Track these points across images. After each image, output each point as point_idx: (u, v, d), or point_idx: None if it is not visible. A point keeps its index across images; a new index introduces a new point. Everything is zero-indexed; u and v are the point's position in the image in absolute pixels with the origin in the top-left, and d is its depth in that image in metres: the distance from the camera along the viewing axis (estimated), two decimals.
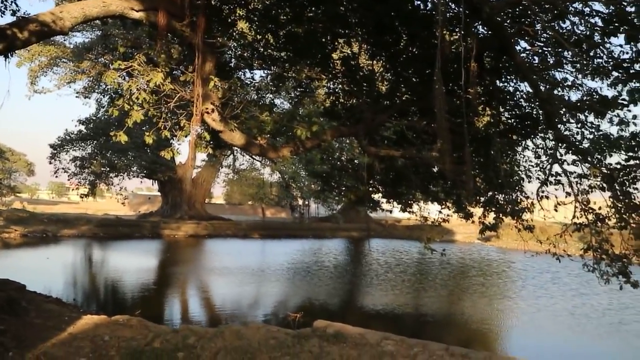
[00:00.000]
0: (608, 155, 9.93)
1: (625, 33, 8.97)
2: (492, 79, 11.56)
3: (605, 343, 16.45)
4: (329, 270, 29.69)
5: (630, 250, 9.92)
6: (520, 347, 15.71)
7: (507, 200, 12.09)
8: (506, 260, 35.36)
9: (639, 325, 18.16)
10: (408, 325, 17.37)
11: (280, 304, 20.19)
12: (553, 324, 18.34)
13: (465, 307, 21.05)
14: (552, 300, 22.06)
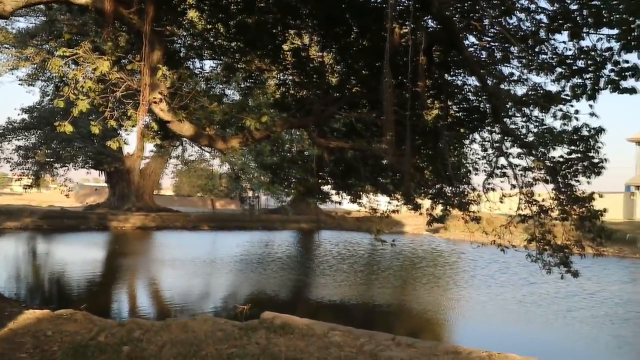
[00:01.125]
0: (551, 149, 10.19)
1: (569, 30, 9.20)
2: (441, 72, 11.69)
3: (554, 330, 16.92)
4: (279, 262, 29.71)
5: (572, 241, 10.21)
6: (470, 336, 16.03)
7: (455, 193, 12.30)
8: (455, 251, 35.96)
9: (585, 312, 18.78)
10: (358, 316, 17.53)
11: (230, 296, 20.13)
12: (503, 313, 18.78)
13: (416, 297, 21.35)
14: (502, 289, 22.57)
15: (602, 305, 20.03)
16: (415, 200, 12.91)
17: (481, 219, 12.26)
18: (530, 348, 13.44)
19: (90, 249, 31.88)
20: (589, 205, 9.87)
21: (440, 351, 9.31)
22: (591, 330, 16.72)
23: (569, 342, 15.68)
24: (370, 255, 32.82)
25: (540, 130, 10.43)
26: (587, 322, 17.55)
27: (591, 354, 14.40)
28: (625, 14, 8.55)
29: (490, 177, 11.20)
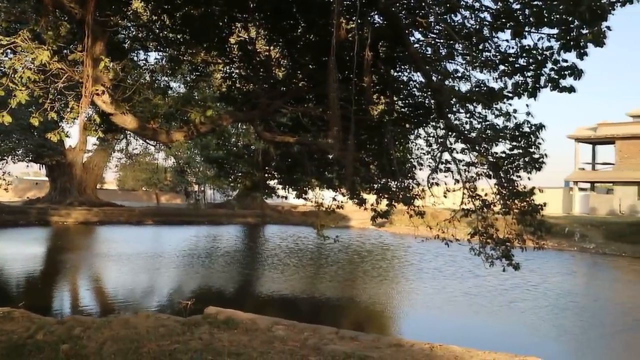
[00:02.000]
0: (494, 145, 10.38)
1: (512, 29, 9.40)
2: (387, 68, 11.78)
3: (498, 320, 17.36)
4: (225, 257, 29.56)
5: (513, 235, 10.44)
6: (416, 328, 16.29)
7: (400, 187, 12.41)
8: (401, 245, 36.41)
9: (528, 303, 19.35)
10: (304, 310, 17.59)
11: (175, 292, 19.93)
12: (449, 304, 19.13)
13: (363, 290, 21.55)
14: (449, 282, 23.01)
15: (544, 297, 20.65)
16: (361, 195, 12.98)
17: (425, 214, 12.42)
18: (475, 339, 13.75)
19: (30, 244, 31.07)
20: (529, 200, 10.09)
21: (383, 344, 9.41)
22: (533, 320, 17.22)
23: (512, 332, 16.10)
24: (317, 250, 32.91)
25: (483, 127, 10.61)
26: (529, 312, 18.05)
27: (532, 343, 14.78)
28: (565, 14, 8.78)
29: (435, 172, 11.35)
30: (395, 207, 12.66)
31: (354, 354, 8.29)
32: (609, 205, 51.84)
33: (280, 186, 16.26)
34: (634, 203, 50.39)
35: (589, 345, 15.27)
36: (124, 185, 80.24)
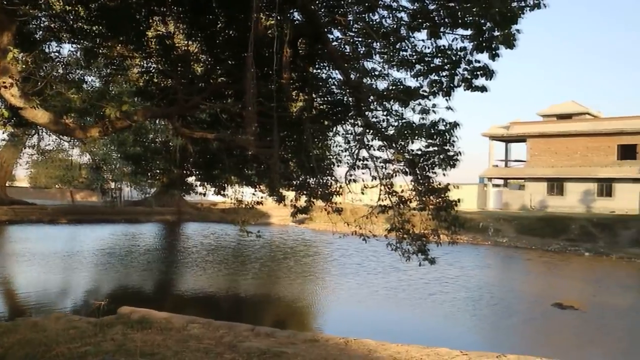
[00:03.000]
0: (410, 142, 10.59)
1: (428, 29, 9.61)
2: (306, 65, 11.81)
3: (417, 313, 17.74)
4: (143, 255, 28.97)
5: (429, 230, 10.68)
6: (337, 323, 16.42)
7: (318, 184, 12.48)
8: (322, 241, 36.62)
9: (446, 296, 19.92)
10: (223, 308, 17.46)
11: (90, 292, 19.36)
12: (371, 299, 19.41)
13: (284, 287, 21.58)
14: (371, 277, 23.33)
15: (461, 289, 21.31)
16: (280, 191, 12.99)
17: (343, 210, 12.54)
18: (392, 332, 14.00)
19: None
20: (444, 196, 10.36)
21: (299, 340, 9.47)
22: (451, 312, 17.71)
23: (429, 324, 16.50)
24: (238, 247, 32.73)
25: (400, 124, 10.80)
26: (447, 304, 18.55)
27: (448, 334, 15.20)
28: (478, 16, 9.06)
29: (353, 168, 11.47)
30: (315, 203, 12.74)
31: (269, 350, 8.30)
32: (520, 200, 53.84)
33: (199, 183, 16.04)
34: (543, 198, 52.52)
35: (502, 334, 15.83)
36: (36, 182, 77.17)
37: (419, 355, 9.14)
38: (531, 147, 55.46)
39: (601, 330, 16.29)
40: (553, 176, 52.54)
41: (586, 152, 52.02)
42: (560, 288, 23.17)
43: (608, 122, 52.67)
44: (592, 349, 13.88)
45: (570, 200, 50.87)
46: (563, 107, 58.01)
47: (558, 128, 54.04)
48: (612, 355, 12.78)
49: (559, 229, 38.88)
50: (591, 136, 51.86)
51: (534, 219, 41.87)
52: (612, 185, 49.55)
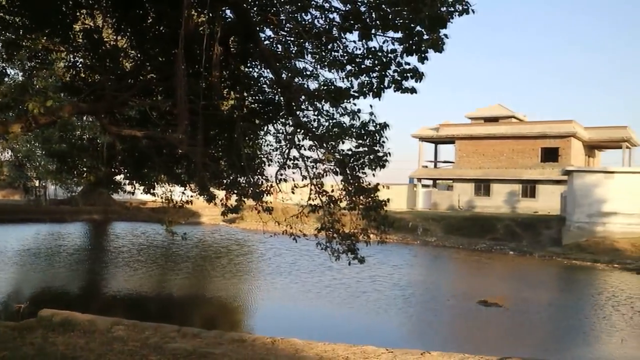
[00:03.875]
0: (341, 142, 10.65)
1: (359, 31, 9.70)
2: (237, 63, 11.74)
3: (349, 310, 17.90)
4: (69, 256, 28.19)
5: (358, 229, 10.77)
6: (267, 322, 16.42)
7: (249, 183, 12.41)
8: (254, 240, 36.47)
9: (378, 294, 20.17)
10: (151, 308, 17.19)
11: (11, 295, 18.70)
12: (303, 298, 19.47)
13: (215, 286, 21.42)
14: (303, 276, 23.42)
15: (392, 287, 21.68)
16: (210, 190, 12.86)
17: (274, 209, 12.53)
18: (321, 331, 14.12)
19: None
20: (374, 196, 10.46)
21: (226, 340, 9.43)
22: (381, 309, 17.99)
23: (358, 322, 16.69)
24: (168, 246, 32.22)
25: (330, 124, 10.86)
26: (377, 302, 18.81)
27: (379, 330, 15.44)
28: (408, 20, 9.21)
29: (283, 168, 11.46)
30: (245, 202, 12.67)
31: (195, 351, 8.23)
32: (449, 200, 55.03)
33: (127, 181, 15.70)
34: (470, 199, 53.84)
35: (429, 331, 16.17)
36: None
37: (345, 354, 9.23)
38: (459, 148, 56.78)
39: (523, 325, 16.86)
40: (480, 177, 53.93)
41: (512, 155, 53.62)
42: (486, 286, 23.84)
43: (532, 126, 54.47)
44: (514, 344, 14.34)
45: (496, 200, 52.34)
46: (490, 110, 59.64)
47: (485, 130, 55.50)
48: (533, 349, 13.23)
49: (486, 228, 39.97)
50: (516, 139, 53.51)
51: (462, 219, 42.89)
52: (536, 187, 51.28)
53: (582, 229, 35.65)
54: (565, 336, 16.01)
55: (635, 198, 34.25)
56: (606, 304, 20.05)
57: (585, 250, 33.38)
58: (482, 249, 36.45)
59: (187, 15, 8.82)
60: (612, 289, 23.14)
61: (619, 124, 55.27)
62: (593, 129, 55.46)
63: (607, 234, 34.54)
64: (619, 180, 35.30)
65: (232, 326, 15.24)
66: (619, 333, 15.80)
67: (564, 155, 51.33)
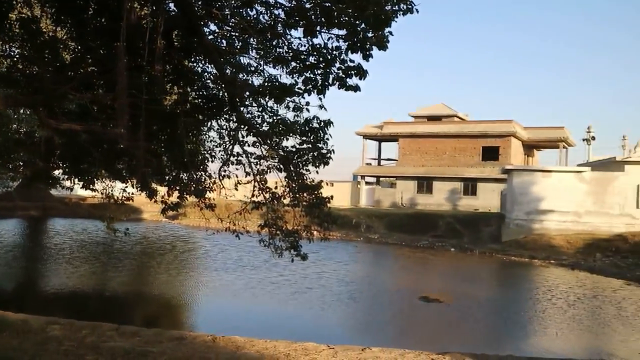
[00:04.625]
0: (285, 139, 10.66)
1: (304, 27, 9.71)
2: (181, 58, 11.59)
3: (292, 307, 17.91)
4: (4, 253, 27.33)
5: (301, 226, 10.79)
6: (209, 320, 16.29)
7: (191, 179, 12.29)
8: (198, 237, 36.09)
9: (324, 290, 20.31)
10: (90, 307, 16.83)
11: None
12: (249, 294, 19.40)
13: (158, 284, 21.11)
14: (251, 272, 23.30)
15: (337, 283, 21.85)
16: (152, 186, 12.68)
17: (217, 206, 12.44)
18: (264, 328, 14.09)
19: None
20: (317, 193, 10.51)
21: (166, 338, 9.33)
22: (325, 305, 18.07)
23: (303, 318, 16.74)
24: (109, 244, 31.53)
25: (274, 121, 10.85)
26: (322, 298, 18.90)
27: (321, 327, 15.50)
28: (352, 17, 9.27)
29: (226, 164, 11.40)
30: (187, 199, 12.54)
31: (133, 349, 8.10)
32: (392, 198, 55.63)
33: (66, 177, 15.32)
34: (413, 196, 54.57)
35: (371, 327, 16.30)
36: None
37: (286, 351, 9.24)
38: (402, 146, 57.46)
39: (463, 320, 17.17)
40: (422, 175, 54.69)
41: (453, 153, 54.56)
42: (428, 282, 24.22)
43: (474, 125, 55.54)
44: (454, 339, 14.58)
45: (438, 198, 53.19)
46: (433, 109, 60.54)
47: (428, 129, 56.33)
48: (472, 343, 13.49)
49: (428, 225, 40.56)
50: (458, 138, 54.48)
51: (404, 216, 43.42)
52: (476, 185, 52.33)
53: (520, 226, 36.54)
54: (503, 330, 16.39)
55: (571, 196, 35.33)
56: (542, 299, 20.62)
57: (523, 247, 34.20)
58: (424, 245, 36.95)
59: (130, 8, 8.67)
60: (548, 284, 23.78)
61: (556, 125, 56.93)
62: (532, 129, 56.89)
63: (544, 231, 35.49)
64: (556, 179, 36.32)
65: (174, 324, 15.07)
66: (554, 326, 16.26)
67: (504, 154, 52.53)
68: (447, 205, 51.97)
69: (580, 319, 17.43)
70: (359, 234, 40.56)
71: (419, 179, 54.94)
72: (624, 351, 13.99)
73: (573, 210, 35.38)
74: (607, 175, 36.04)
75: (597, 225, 34.80)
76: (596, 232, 34.30)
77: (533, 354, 12.20)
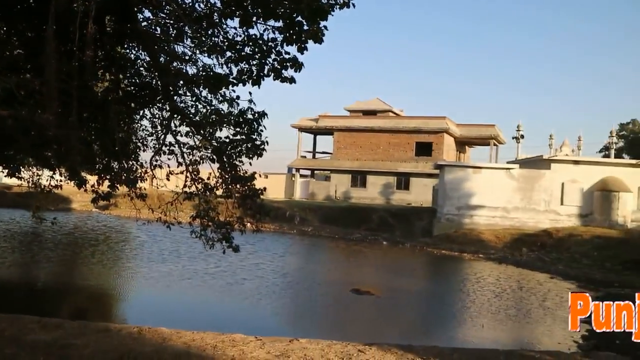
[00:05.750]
0: (218, 129, 10.58)
1: (240, 17, 9.64)
2: (113, 44, 11.33)
3: (225, 298, 17.81)
4: None
5: (234, 218, 10.75)
6: (139, 311, 16.05)
7: (123, 169, 12.06)
8: (133, 227, 35.40)
9: (258, 281, 20.28)
10: (11, 299, 16.30)
11: None
12: (183, 285, 19.18)
13: (88, 275, 20.66)
14: (187, 262, 23.03)
15: (273, 274, 21.89)
16: (81, 175, 12.37)
17: (149, 196, 12.26)
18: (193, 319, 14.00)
19: None
20: (250, 184, 10.49)
21: (91, 330, 9.17)
22: (260, 295, 18.08)
23: (235, 309, 16.69)
24: (40, 234, 30.58)
25: (208, 111, 10.75)
26: (253, 291, 18.88)
27: (252, 318, 15.49)
28: (289, 9, 9.27)
29: (158, 154, 11.24)
30: (118, 188, 12.30)
31: (55, 342, 7.92)
32: (326, 191, 55.97)
33: None
34: (347, 189, 55.06)
35: (301, 319, 16.41)
36: None
37: (214, 342, 9.20)
38: (337, 140, 57.83)
39: (393, 312, 17.46)
40: (357, 169, 55.23)
41: (388, 148, 55.27)
42: (359, 275, 24.49)
43: (408, 121, 56.39)
44: (383, 331, 14.81)
45: (372, 192, 53.84)
46: (368, 103, 61.16)
47: (363, 123, 56.89)
48: (401, 335, 13.73)
49: (361, 219, 40.99)
50: (393, 133, 55.21)
51: (338, 209, 43.76)
52: (409, 179, 53.21)
53: (451, 221, 37.38)
54: (432, 322, 16.76)
55: (500, 192, 36.38)
56: (470, 291, 21.15)
57: (453, 241, 34.99)
58: (357, 238, 37.32)
59: None
60: (476, 277, 24.41)
61: (487, 123, 58.38)
62: (464, 126, 58.17)
63: (474, 225, 36.43)
64: (486, 176, 37.29)
65: (102, 316, 14.77)
66: (480, 318, 16.72)
67: (437, 150, 53.56)
68: (381, 199, 52.66)
69: (507, 311, 17.96)
70: (292, 227, 40.63)
71: (353, 172, 55.44)
72: (545, 341, 14.51)
73: (502, 206, 36.43)
74: (535, 172, 37.24)
75: (524, 221, 35.98)
76: (523, 228, 35.47)
77: (458, 345, 12.50)
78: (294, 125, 60.17)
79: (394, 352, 9.38)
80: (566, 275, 25.60)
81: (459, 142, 59.53)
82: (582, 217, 35.79)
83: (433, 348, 10.22)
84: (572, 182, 36.04)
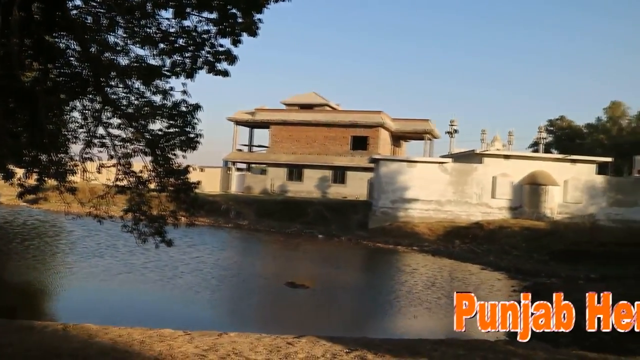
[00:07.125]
0: (151, 122, 10.41)
1: (174, 8, 9.50)
2: (41, 32, 10.99)
3: (158, 293, 17.56)
4: None
5: (167, 212, 10.61)
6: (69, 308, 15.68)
7: (52, 162, 11.72)
8: (65, 222, 34.43)
9: (195, 275, 20.37)
10: None
11: None
12: (120, 279, 18.80)
13: (21, 272, 20.04)
14: (123, 256, 22.57)
15: (212, 267, 21.80)
16: (8, 168, 11.96)
17: (81, 190, 11.96)
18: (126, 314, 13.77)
19: None
20: (184, 178, 10.38)
21: (13, 328, 8.97)
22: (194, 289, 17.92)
23: (166, 304, 16.48)
24: None
25: (141, 103, 10.56)
26: (193, 282, 18.72)
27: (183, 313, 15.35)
28: (223, 1, 9.19)
29: (89, 146, 10.97)
30: (47, 182, 11.95)
31: None
32: (262, 184, 55.81)
33: None
34: (283, 183, 55.03)
35: (234, 313, 16.36)
36: None
37: (141, 338, 9.10)
38: (274, 133, 57.72)
39: (327, 305, 17.63)
40: (293, 162, 55.26)
41: (324, 141, 55.49)
42: (295, 268, 24.56)
43: (344, 115, 56.74)
44: (316, 323, 14.94)
45: (308, 185, 53.98)
46: (305, 97, 61.20)
47: (300, 117, 56.92)
48: (333, 327, 13.86)
49: (297, 212, 41.06)
50: (329, 127, 55.47)
51: (274, 203, 43.71)
52: (345, 173, 53.58)
53: (386, 214, 37.87)
54: (365, 313, 16.96)
55: (433, 186, 37.08)
56: (404, 283, 21.52)
57: (389, 234, 35.49)
58: (293, 232, 37.39)
59: None
60: (410, 269, 24.86)
61: (422, 117, 59.29)
62: (399, 121, 58.91)
63: (409, 219, 37.03)
64: (420, 169, 37.91)
65: (30, 314, 14.37)
66: (412, 308, 17.04)
67: (373, 144, 54.10)
68: (317, 192, 52.85)
69: (438, 301, 18.34)
70: (228, 220, 40.38)
71: (289, 166, 55.45)
72: (475, 330, 14.89)
73: (436, 199, 37.14)
74: (467, 166, 38.09)
75: (457, 214, 36.80)
76: (456, 220, 36.30)
77: (389, 335, 12.70)
78: (230, 118, 59.72)
79: (323, 344, 9.47)
80: (497, 266, 26.33)
81: (394, 136, 60.28)
82: (513, 209, 36.86)
83: (362, 339, 10.38)
84: (503, 175, 37.04)
